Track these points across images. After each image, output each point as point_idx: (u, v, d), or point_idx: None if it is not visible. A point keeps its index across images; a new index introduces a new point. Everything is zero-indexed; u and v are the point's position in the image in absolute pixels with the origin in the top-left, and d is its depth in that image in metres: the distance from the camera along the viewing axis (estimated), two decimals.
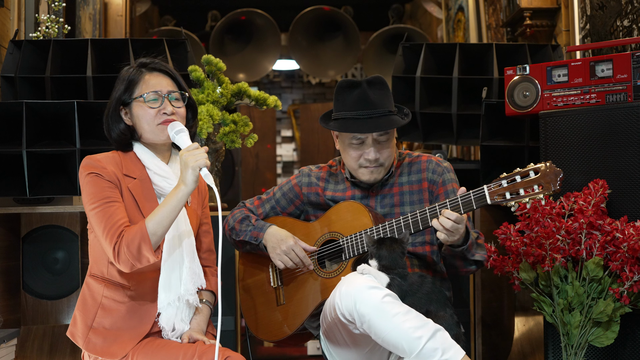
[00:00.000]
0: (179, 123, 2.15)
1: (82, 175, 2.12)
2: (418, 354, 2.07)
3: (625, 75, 2.61)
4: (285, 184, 2.65)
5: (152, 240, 2.02)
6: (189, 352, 2.03)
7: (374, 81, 2.45)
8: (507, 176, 2.20)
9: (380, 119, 2.41)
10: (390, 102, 2.46)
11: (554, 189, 2.13)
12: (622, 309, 2.37)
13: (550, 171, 2.14)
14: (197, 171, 2.02)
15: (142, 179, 2.16)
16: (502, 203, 2.20)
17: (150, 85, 2.16)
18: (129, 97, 2.16)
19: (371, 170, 2.46)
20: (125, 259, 2.03)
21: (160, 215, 2.03)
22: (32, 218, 3.24)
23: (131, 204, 2.12)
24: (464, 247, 2.29)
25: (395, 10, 7.45)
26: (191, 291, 2.14)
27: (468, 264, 2.37)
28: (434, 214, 2.28)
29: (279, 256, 2.47)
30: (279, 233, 2.50)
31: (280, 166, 8.09)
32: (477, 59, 3.59)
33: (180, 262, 2.14)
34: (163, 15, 7.57)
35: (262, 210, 2.65)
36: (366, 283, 2.15)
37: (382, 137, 2.43)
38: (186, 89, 2.23)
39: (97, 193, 2.08)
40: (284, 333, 2.53)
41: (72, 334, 2.15)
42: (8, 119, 2.97)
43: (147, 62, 2.21)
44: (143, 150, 2.19)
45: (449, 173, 2.51)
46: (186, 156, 2.02)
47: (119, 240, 2.03)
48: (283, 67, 8.21)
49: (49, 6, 3.91)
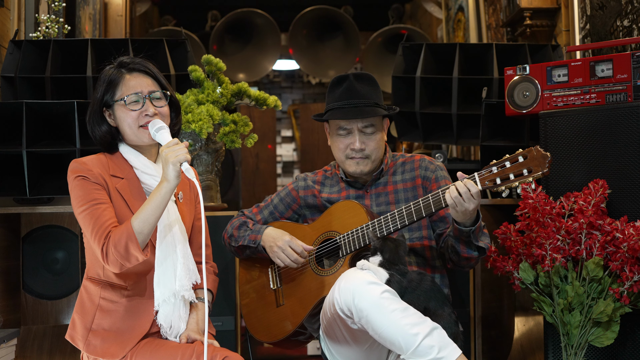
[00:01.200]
0: (159, 120, 2.13)
1: (70, 179, 2.13)
2: (414, 350, 2.08)
3: (625, 75, 2.61)
4: (282, 191, 2.70)
5: (139, 238, 2.02)
6: (187, 352, 2.03)
7: (362, 76, 2.53)
8: (497, 162, 2.23)
9: (365, 108, 2.47)
10: (378, 96, 2.52)
11: (542, 171, 2.15)
12: (622, 309, 2.37)
13: (539, 155, 2.17)
14: (177, 166, 2.02)
15: (129, 179, 2.16)
16: (492, 188, 2.22)
17: (131, 86, 2.15)
18: (110, 99, 2.16)
19: (357, 162, 2.50)
20: (113, 259, 2.03)
21: (145, 213, 2.03)
22: (32, 218, 3.24)
23: (120, 204, 2.12)
24: (472, 229, 2.29)
25: (395, 10, 7.45)
26: (186, 287, 2.14)
27: (471, 249, 2.36)
28: (427, 204, 2.30)
29: (277, 254, 2.48)
30: (275, 232, 2.52)
31: (280, 166, 8.10)
32: (477, 59, 3.59)
33: (173, 258, 2.15)
34: (163, 15, 7.57)
35: (260, 217, 2.68)
36: (365, 278, 2.17)
37: (368, 128, 2.48)
38: (168, 87, 2.22)
39: (85, 196, 2.09)
40: (284, 332, 2.53)
41: (71, 337, 2.16)
42: (8, 119, 2.97)
43: (127, 61, 2.19)
44: (129, 150, 2.19)
45: (442, 171, 2.55)
46: (166, 152, 2.03)
47: (106, 241, 2.03)
48: (283, 67, 8.21)
49: (49, 6, 3.91)
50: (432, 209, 2.30)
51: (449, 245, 2.39)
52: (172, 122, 2.23)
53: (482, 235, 2.38)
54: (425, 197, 2.32)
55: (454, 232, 2.34)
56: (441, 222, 2.50)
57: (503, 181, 2.20)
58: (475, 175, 2.24)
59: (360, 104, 2.47)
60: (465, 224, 2.30)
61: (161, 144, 2.11)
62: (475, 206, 2.23)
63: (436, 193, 2.30)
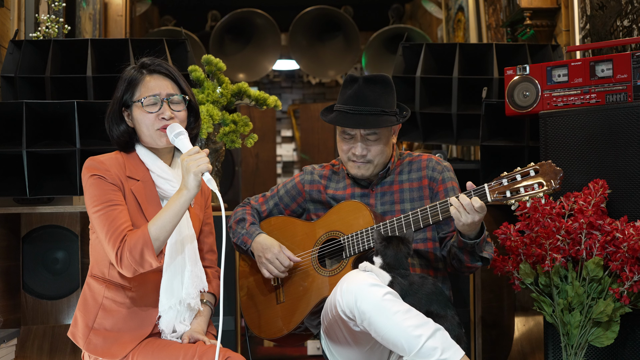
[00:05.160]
0: (178, 125, 2.12)
1: (85, 177, 2.10)
2: (417, 352, 2.07)
3: (625, 75, 2.61)
4: (289, 182, 2.68)
5: (155, 245, 2.01)
6: (189, 353, 2.03)
7: (374, 79, 2.46)
8: (508, 175, 2.21)
9: (369, 117, 2.42)
10: (388, 102, 2.46)
11: (554, 187, 2.14)
12: (622, 309, 2.37)
13: (550, 170, 2.16)
14: (199, 176, 2.00)
15: (145, 181, 2.14)
16: (502, 201, 2.20)
17: (150, 88, 2.13)
18: (130, 99, 2.15)
19: (358, 166, 2.49)
20: (128, 264, 2.02)
21: (163, 220, 2.02)
22: (32, 218, 3.24)
23: (134, 206, 2.11)
24: (476, 241, 2.29)
25: (395, 10, 7.45)
26: (193, 295, 2.13)
27: (475, 260, 2.36)
28: (434, 212, 2.29)
29: (265, 265, 2.50)
30: (265, 241, 2.51)
31: (280, 166, 8.09)
32: (477, 59, 3.59)
33: (182, 265, 2.13)
34: (163, 15, 7.56)
35: (265, 207, 2.68)
36: (368, 280, 2.16)
37: (371, 135, 2.45)
38: (188, 91, 2.20)
39: (101, 196, 2.07)
40: (283, 331, 2.53)
41: (72, 334, 2.15)
42: (8, 119, 2.97)
43: (148, 63, 2.18)
44: (145, 152, 2.18)
45: (449, 172, 2.53)
46: (187, 161, 2.00)
47: (121, 245, 2.02)
48: (283, 67, 8.21)
49: (49, 6, 3.91)
50: (439, 218, 2.30)
51: (452, 254, 2.39)
52: (190, 127, 2.21)
53: (486, 245, 2.38)
54: (433, 205, 2.30)
55: (458, 243, 2.33)
56: (445, 225, 2.48)
57: (513, 194, 2.19)
58: (485, 186, 2.23)
59: (365, 111, 2.42)
60: (470, 236, 2.29)
61: (180, 150, 2.10)
62: (480, 218, 2.21)
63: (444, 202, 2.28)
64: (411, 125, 3.62)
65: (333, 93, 8.38)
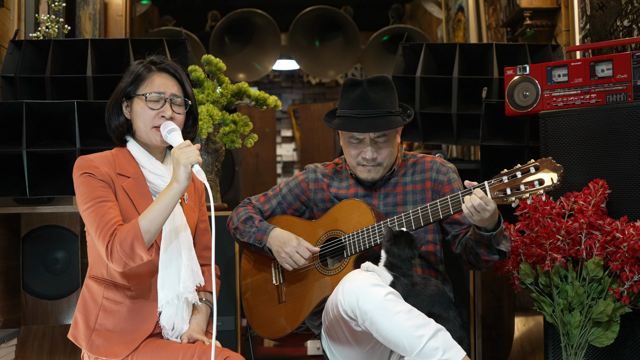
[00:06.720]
0: (171, 122, 2.14)
1: (76, 175, 2.12)
2: (419, 352, 2.07)
3: (625, 75, 2.61)
4: (292, 180, 2.68)
5: (146, 238, 2.01)
6: (188, 353, 2.03)
7: (376, 81, 2.45)
8: (508, 172, 2.21)
9: (378, 119, 2.41)
10: (392, 103, 2.46)
11: (554, 184, 2.14)
12: (622, 309, 2.37)
13: (551, 166, 2.15)
14: (189, 168, 2.01)
15: (136, 178, 2.15)
16: (502, 199, 2.20)
17: (156, 85, 2.15)
18: (133, 92, 2.16)
19: (368, 169, 2.48)
20: (118, 257, 2.02)
21: (153, 213, 2.02)
22: (32, 218, 3.24)
23: (126, 202, 2.12)
24: (493, 234, 2.27)
25: (395, 10, 7.45)
26: (190, 289, 2.14)
27: (492, 253, 2.34)
28: (435, 210, 2.29)
29: (285, 259, 2.48)
30: (282, 235, 2.50)
31: (280, 166, 8.09)
32: (477, 59, 3.59)
33: (178, 260, 2.14)
34: (163, 15, 7.57)
35: (268, 206, 2.67)
36: (369, 280, 2.16)
37: (380, 138, 2.44)
38: (190, 96, 2.22)
39: (90, 193, 2.08)
40: (285, 330, 2.54)
41: (74, 336, 2.15)
42: (8, 119, 2.97)
43: (158, 61, 2.20)
44: (137, 148, 2.19)
45: (454, 173, 2.53)
46: (178, 153, 2.02)
47: (111, 238, 2.02)
48: (283, 67, 8.21)
49: (49, 6, 3.91)
50: (439, 217, 2.29)
51: (469, 247, 2.37)
52: (187, 130, 2.23)
53: (502, 238, 2.35)
54: (434, 203, 2.30)
55: (474, 236, 2.32)
56: (457, 224, 2.47)
57: (513, 192, 2.18)
58: (485, 184, 2.22)
59: (373, 114, 2.41)
60: (487, 229, 2.28)
61: (172, 146, 2.11)
62: (492, 213, 2.20)
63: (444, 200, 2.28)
64: (411, 125, 3.61)
65: (333, 93, 8.38)
